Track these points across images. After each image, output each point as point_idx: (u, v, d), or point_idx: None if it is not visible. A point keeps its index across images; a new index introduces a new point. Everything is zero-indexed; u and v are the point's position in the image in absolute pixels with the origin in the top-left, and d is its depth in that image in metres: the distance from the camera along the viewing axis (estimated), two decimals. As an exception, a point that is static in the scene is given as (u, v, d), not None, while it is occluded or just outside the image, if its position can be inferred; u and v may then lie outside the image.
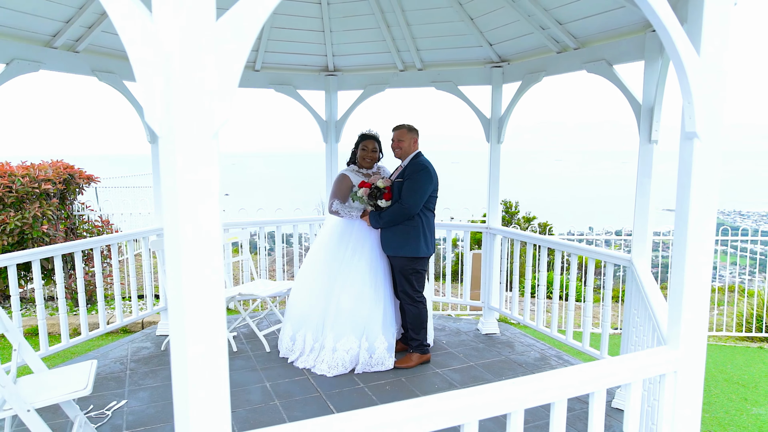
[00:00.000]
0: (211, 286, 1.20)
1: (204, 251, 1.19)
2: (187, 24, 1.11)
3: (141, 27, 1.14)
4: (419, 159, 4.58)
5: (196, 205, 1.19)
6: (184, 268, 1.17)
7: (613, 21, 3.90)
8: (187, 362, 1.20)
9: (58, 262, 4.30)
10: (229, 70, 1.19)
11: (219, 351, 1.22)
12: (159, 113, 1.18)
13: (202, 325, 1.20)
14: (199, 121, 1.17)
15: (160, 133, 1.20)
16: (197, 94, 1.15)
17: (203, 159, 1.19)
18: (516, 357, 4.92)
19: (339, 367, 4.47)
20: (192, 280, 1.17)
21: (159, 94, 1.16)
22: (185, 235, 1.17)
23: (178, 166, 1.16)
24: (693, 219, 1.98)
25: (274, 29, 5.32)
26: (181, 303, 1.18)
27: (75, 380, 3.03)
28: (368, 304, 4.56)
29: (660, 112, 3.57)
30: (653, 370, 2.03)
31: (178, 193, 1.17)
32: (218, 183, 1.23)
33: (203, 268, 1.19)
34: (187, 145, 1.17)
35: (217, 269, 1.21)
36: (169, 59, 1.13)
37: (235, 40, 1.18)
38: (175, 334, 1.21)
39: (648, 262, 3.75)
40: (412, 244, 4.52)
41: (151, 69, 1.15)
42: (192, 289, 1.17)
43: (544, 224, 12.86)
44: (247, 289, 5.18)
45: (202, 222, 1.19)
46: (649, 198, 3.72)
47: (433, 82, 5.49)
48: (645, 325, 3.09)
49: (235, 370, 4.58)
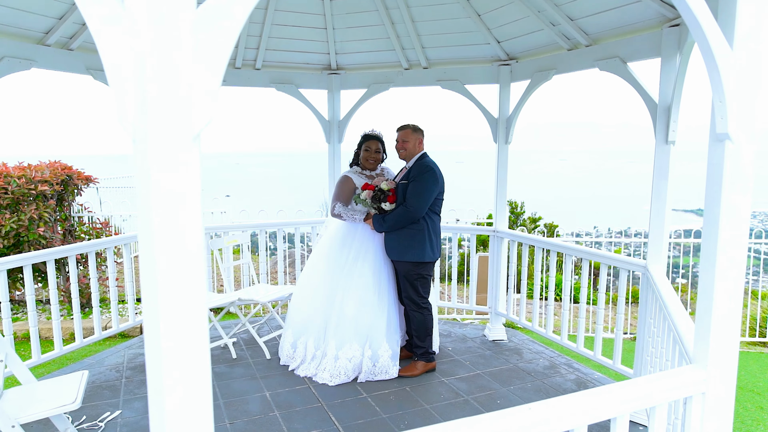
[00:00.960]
0: (190, 313, 1.05)
1: (183, 272, 1.04)
2: (162, 9, 0.96)
3: (109, 11, 0.98)
4: (425, 160, 4.42)
5: (173, 218, 1.03)
6: (161, 293, 1.02)
7: (627, 16, 3.73)
8: (164, 416, 1.05)
9: (51, 266, 4.16)
10: (212, 63, 1.04)
11: (202, 400, 1.07)
12: (132, 114, 1.03)
13: (181, 367, 1.05)
14: (178, 123, 1.02)
15: (133, 137, 1.05)
16: (175, 92, 1.00)
17: (182, 165, 1.04)
18: (524, 365, 4.76)
19: (341, 376, 4.32)
20: (169, 308, 1.02)
21: (131, 91, 1.01)
22: (160, 253, 1.02)
23: (153, 174, 1.01)
24: (724, 227, 1.82)
25: (275, 26, 5.17)
26: (158, 340, 1.02)
27: (64, 393, 2.89)
28: (372, 311, 4.41)
29: (678, 112, 3.41)
30: (679, 392, 1.87)
31: (152, 205, 1.02)
32: (199, 191, 1.08)
33: (181, 293, 1.04)
34: (164, 151, 1.02)
35: (197, 292, 1.06)
36: (143, 51, 0.98)
37: (219, 28, 1.03)
38: (151, 375, 1.06)
39: (664, 268, 3.58)
40: (417, 248, 4.36)
41: (122, 62, 1.00)
42: (169, 320, 1.02)
43: (551, 225, 12.68)
44: (247, 294, 5.04)
45: (181, 237, 1.04)
46: (665, 201, 3.55)
47: (438, 80, 5.33)
48: (664, 337, 2.92)
49: (235, 378, 4.44)
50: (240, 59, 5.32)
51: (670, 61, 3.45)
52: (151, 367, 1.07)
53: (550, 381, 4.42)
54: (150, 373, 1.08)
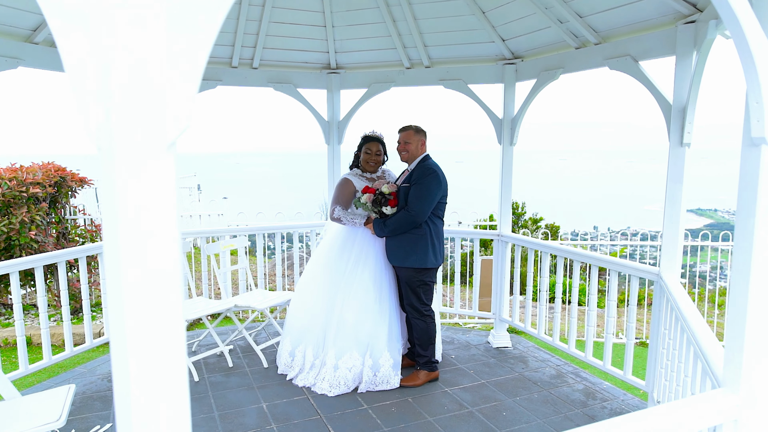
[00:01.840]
0: (164, 356, 0.89)
1: (154, 301, 0.88)
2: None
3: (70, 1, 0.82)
4: (427, 162, 4.26)
5: (143, 238, 0.88)
6: (129, 331, 0.86)
7: (639, 13, 3.58)
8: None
9: (39, 273, 4.01)
10: (189, 60, 0.88)
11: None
12: (95, 117, 0.87)
13: (156, 410, 0.89)
14: (148, 129, 0.86)
15: (97, 144, 0.89)
16: (145, 93, 0.84)
17: (154, 177, 0.88)
18: (530, 374, 4.60)
19: (341, 386, 4.17)
20: (138, 353, 0.86)
21: (93, 92, 0.85)
22: (128, 284, 0.86)
23: (119, 188, 0.86)
24: (759, 239, 1.66)
25: (273, 24, 5.01)
26: (128, 387, 0.86)
27: (47, 409, 2.74)
28: (372, 318, 4.26)
29: (693, 113, 3.25)
30: (708, 420, 1.71)
31: (119, 224, 0.86)
32: (175, 205, 0.93)
33: (153, 327, 0.88)
34: (132, 161, 0.85)
35: (171, 325, 0.90)
36: (108, 42, 0.82)
37: (196, 21, 0.87)
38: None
39: (678, 275, 3.43)
40: (420, 253, 4.21)
41: (83, 54, 0.84)
42: (139, 368, 0.86)
43: (552, 226, 12.53)
44: (244, 300, 4.88)
45: (152, 260, 0.88)
46: (680, 206, 3.40)
47: (441, 80, 5.17)
48: (682, 351, 2.77)
49: (231, 388, 4.29)
50: (237, 58, 5.16)
51: (685, 59, 3.29)
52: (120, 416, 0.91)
53: (558, 391, 4.26)
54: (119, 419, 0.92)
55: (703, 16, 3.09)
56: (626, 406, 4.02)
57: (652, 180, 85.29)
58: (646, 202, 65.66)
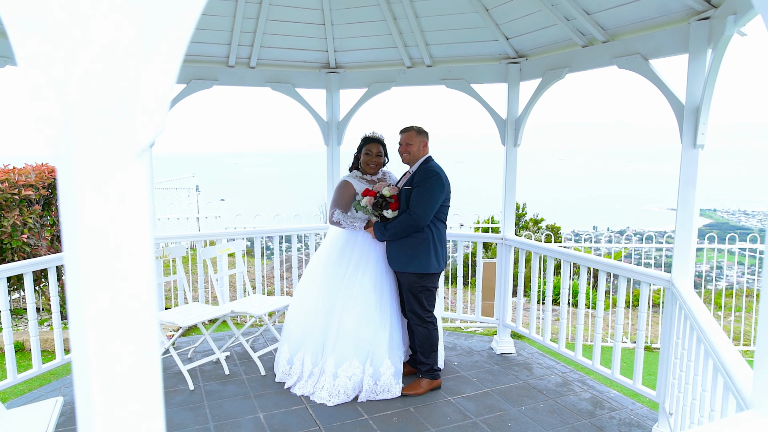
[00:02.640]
0: (138, 418, 0.75)
1: (122, 335, 0.76)
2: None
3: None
4: (429, 164, 4.13)
5: (109, 266, 0.75)
6: (93, 378, 0.73)
7: (650, 10, 3.45)
8: None
9: (28, 279, 3.87)
10: (165, 43, 0.74)
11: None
12: (50, 120, 0.74)
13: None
14: (114, 135, 0.73)
15: (55, 151, 0.76)
16: (109, 91, 0.71)
17: (121, 190, 0.75)
18: (535, 382, 4.47)
19: (341, 395, 4.04)
20: (104, 405, 0.73)
21: (48, 85, 0.72)
22: (91, 324, 0.73)
23: (79, 203, 0.72)
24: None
25: (270, 22, 4.88)
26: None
27: (33, 425, 2.60)
28: (373, 325, 4.13)
29: (708, 113, 3.12)
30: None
31: (80, 245, 0.73)
32: (148, 220, 0.79)
33: (121, 369, 0.75)
34: (95, 172, 0.72)
35: (143, 368, 0.77)
36: (67, 33, 0.69)
37: (172, 9, 0.73)
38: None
39: (691, 282, 3.30)
40: (422, 258, 4.07)
41: (36, 43, 0.71)
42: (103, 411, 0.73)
43: (553, 227, 12.41)
44: (241, 306, 4.75)
45: (122, 294, 0.75)
46: (693, 209, 3.27)
47: (443, 79, 5.03)
48: (699, 363, 2.64)
49: (227, 397, 4.15)
50: (233, 57, 5.02)
51: (699, 57, 3.16)
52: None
53: (564, 400, 4.13)
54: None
55: (718, 12, 2.96)
56: (635, 416, 3.89)
57: (650, 180, 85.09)
58: (644, 202, 65.69)
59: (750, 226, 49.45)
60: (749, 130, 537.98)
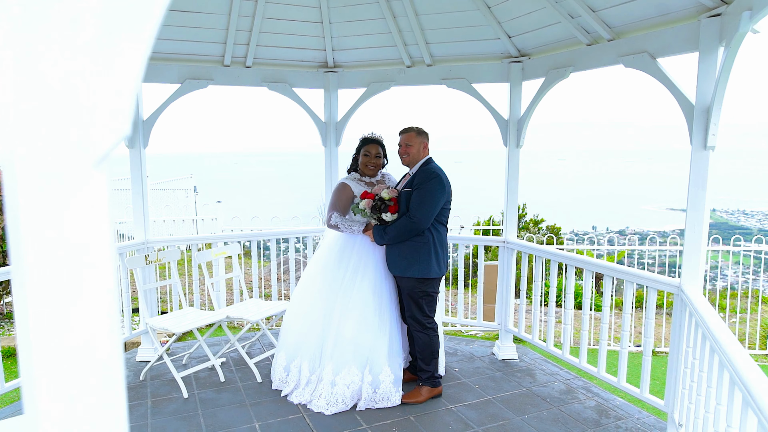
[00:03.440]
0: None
1: (76, 379, 0.64)
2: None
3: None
4: (430, 166, 4.02)
5: (61, 295, 0.63)
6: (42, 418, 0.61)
7: (657, 7, 3.34)
8: None
9: (17, 285, 3.75)
10: (125, 48, 0.63)
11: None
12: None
13: None
14: (66, 142, 0.62)
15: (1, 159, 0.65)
16: (58, 91, 0.60)
17: (75, 205, 0.63)
18: (538, 389, 4.36)
19: (339, 404, 3.92)
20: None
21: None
22: (41, 358, 0.61)
23: (24, 222, 0.61)
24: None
25: (267, 20, 4.76)
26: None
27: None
28: (372, 332, 4.01)
29: (719, 114, 3.01)
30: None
31: (27, 269, 0.62)
32: (108, 238, 0.67)
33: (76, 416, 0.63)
34: (44, 185, 0.61)
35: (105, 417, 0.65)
36: (16, 24, 0.57)
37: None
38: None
39: (701, 288, 3.19)
40: (422, 263, 3.96)
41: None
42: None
43: (553, 227, 12.31)
44: (237, 311, 4.63)
45: (76, 329, 0.64)
46: (703, 213, 3.16)
47: (443, 79, 4.92)
48: (713, 374, 2.53)
49: (222, 406, 4.04)
50: (229, 56, 4.90)
51: (710, 56, 3.05)
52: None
53: (568, 408, 4.02)
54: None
55: (731, 9, 2.85)
56: (642, 425, 3.78)
57: (649, 180, 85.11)
58: (643, 202, 65.62)
59: (749, 226, 49.44)
60: (747, 130, 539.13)
